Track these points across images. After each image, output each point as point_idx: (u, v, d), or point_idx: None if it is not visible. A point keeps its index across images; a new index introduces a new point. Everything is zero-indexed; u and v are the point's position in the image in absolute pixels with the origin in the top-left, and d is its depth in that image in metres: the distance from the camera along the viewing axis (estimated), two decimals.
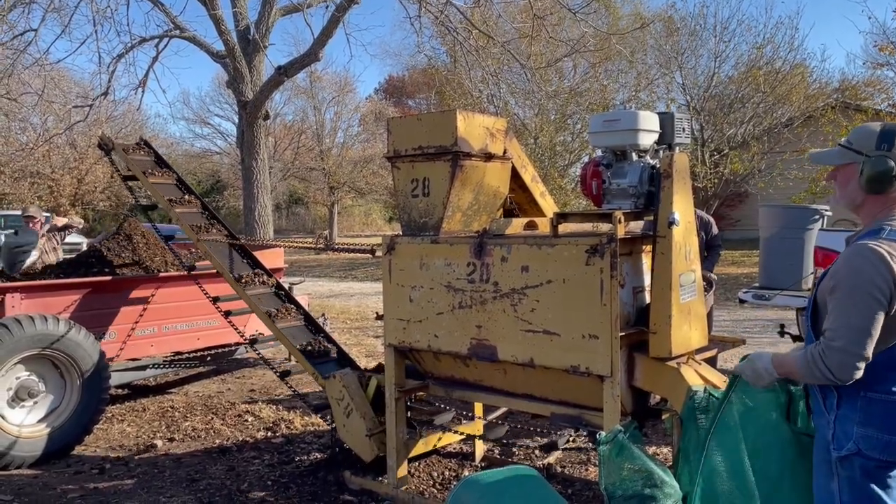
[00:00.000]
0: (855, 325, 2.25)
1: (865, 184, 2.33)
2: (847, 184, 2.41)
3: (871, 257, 2.24)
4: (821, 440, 2.48)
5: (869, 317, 2.24)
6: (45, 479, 4.85)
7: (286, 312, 5.31)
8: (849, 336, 2.25)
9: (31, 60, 12.93)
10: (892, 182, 2.30)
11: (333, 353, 5.16)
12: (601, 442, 3.16)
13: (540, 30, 12.39)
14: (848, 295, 2.27)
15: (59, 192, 27.16)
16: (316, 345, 5.12)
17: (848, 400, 2.35)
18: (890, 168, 2.29)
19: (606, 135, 3.67)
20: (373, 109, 35.75)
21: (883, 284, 2.21)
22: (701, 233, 5.52)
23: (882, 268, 2.22)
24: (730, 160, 18.64)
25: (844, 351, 2.26)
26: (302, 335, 5.20)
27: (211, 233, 5.78)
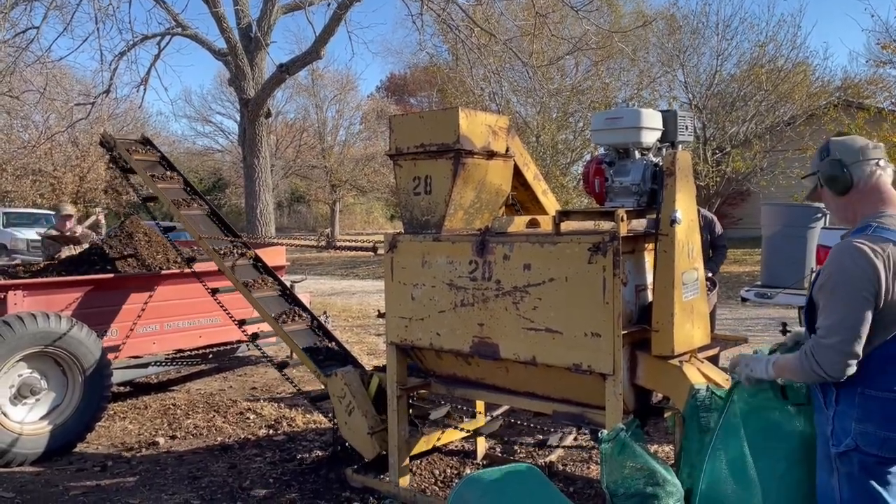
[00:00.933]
0: (843, 323, 2.30)
1: (829, 189, 2.50)
2: (826, 201, 2.58)
3: (855, 255, 2.30)
4: (821, 436, 2.50)
5: (856, 314, 2.28)
6: (48, 477, 4.85)
7: (291, 314, 5.30)
8: (837, 334, 2.31)
9: (33, 58, 12.94)
10: (845, 179, 2.44)
11: (336, 350, 5.16)
12: (603, 440, 3.15)
13: (542, 27, 12.38)
14: (834, 292, 2.34)
15: (60, 189, 27.16)
16: (318, 342, 5.13)
17: (846, 396, 2.38)
18: (835, 168, 2.46)
19: (609, 132, 3.66)
20: (374, 107, 35.74)
21: (867, 282, 2.27)
22: (704, 232, 5.51)
23: (865, 264, 2.28)
24: (732, 158, 18.61)
25: (833, 348, 2.31)
26: (305, 334, 5.20)
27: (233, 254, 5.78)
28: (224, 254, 5.53)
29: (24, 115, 25.24)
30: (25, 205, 25.36)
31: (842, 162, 2.45)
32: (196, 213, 6.00)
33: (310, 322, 5.36)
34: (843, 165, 2.45)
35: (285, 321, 5.18)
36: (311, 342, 5.12)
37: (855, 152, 2.46)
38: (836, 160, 2.46)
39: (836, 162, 2.46)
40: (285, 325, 5.16)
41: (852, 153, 2.46)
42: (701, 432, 3.18)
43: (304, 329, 5.25)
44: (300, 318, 5.31)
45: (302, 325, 5.26)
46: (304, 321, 5.31)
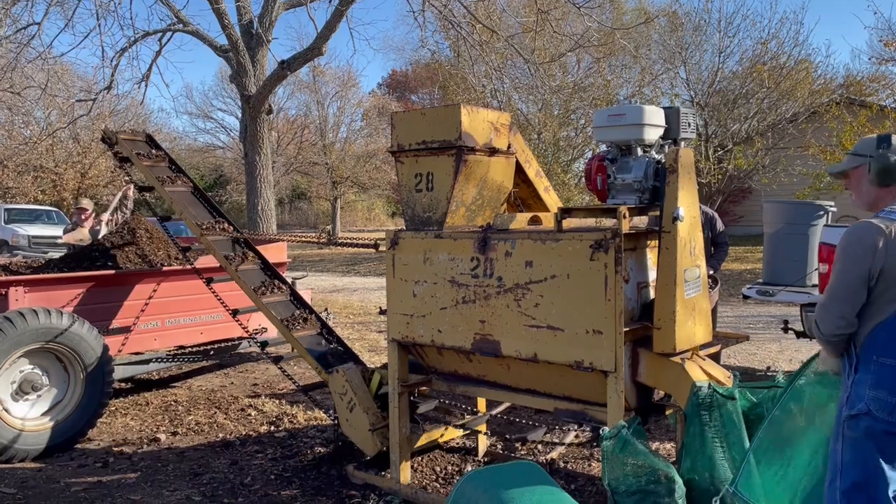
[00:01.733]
0: (837, 288, 2.58)
1: (875, 177, 2.64)
2: (860, 184, 2.72)
3: (858, 230, 2.57)
4: (838, 407, 2.66)
5: (849, 281, 2.54)
6: (49, 473, 4.85)
7: (300, 319, 5.30)
8: (832, 296, 2.59)
9: (34, 54, 12.95)
10: (893, 173, 2.62)
11: (336, 347, 5.15)
12: (605, 437, 3.16)
13: (544, 24, 12.37)
14: (836, 263, 2.60)
15: (62, 186, 27.17)
16: (320, 339, 5.12)
17: (864, 364, 2.56)
18: (892, 161, 2.60)
19: (611, 129, 3.66)
20: (376, 104, 35.70)
21: (863, 254, 2.52)
22: (706, 229, 5.50)
23: (865, 238, 2.53)
24: (734, 156, 18.58)
25: (826, 308, 2.61)
26: (311, 337, 5.19)
27: (215, 230, 5.78)
28: (228, 257, 5.52)
29: (26, 112, 25.24)
30: (27, 201, 25.38)
31: (890, 158, 2.61)
32: (182, 191, 6.03)
33: (318, 325, 5.35)
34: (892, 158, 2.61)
35: (292, 326, 5.17)
36: (312, 340, 5.12)
37: None
38: (888, 155, 2.60)
39: (888, 156, 2.60)
40: (293, 329, 5.16)
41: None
42: (702, 429, 3.18)
43: (311, 334, 5.25)
44: (307, 320, 5.30)
45: (311, 331, 5.26)
46: (314, 327, 5.30)
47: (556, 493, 2.82)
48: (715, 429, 3.18)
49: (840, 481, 2.57)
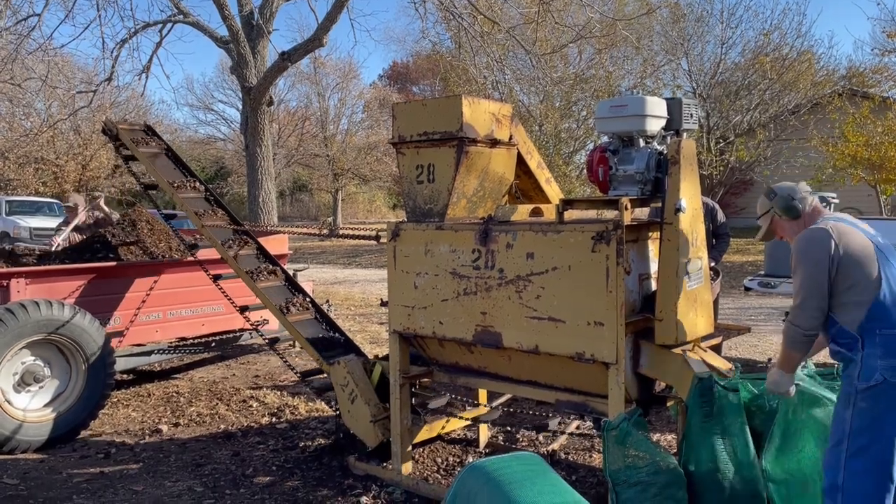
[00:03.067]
0: (806, 286, 2.94)
1: (786, 216, 3.15)
2: (784, 229, 3.21)
3: (808, 235, 3.00)
4: (846, 380, 2.93)
5: (816, 278, 2.92)
6: (51, 464, 4.87)
7: (295, 304, 5.30)
8: (803, 295, 2.95)
9: (34, 45, 12.91)
10: (796, 207, 3.12)
11: (338, 339, 5.16)
12: (606, 429, 3.16)
13: (545, 15, 12.31)
14: (796, 268, 2.99)
15: (63, 178, 27.15)
16: (319, 330, 5.13)
17: (869, 340, 2.85)
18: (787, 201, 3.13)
19: (613, 120, 3.64)
20: (377, 96, 35.58)
21: (821, 252, 2.91)
22: (706, 220, 5.48)
23: (817, 240, 2.94)
24: (735, 147, 18.55)
25: (802, 307, 2.94)
26: (308, 323, 5.19)
27: (215, 219, 5.79)
28: (228, 245, 5.51)
29: (27, 103, 25.19)
30: (28, 193, 25.37)
31: (790, 196, 3.14)
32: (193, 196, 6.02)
33: (313, 311, 5.36)
34: (792, 199, 3.13)
35: (289, 310, 5.18)
36: (314, 331, 5.12)
37: (794, 190, 3.16)
38: (784, 196, 3.15)
39: (785, 197, 3.14)
40: (289, 314, 5.16)
41: (793, 191, 3.16)
42: (703, 421, 3.19)
43: (307, 318, 5.25)
44: (303, 307, 5.30)
45: (306, 315, 5.26)
46: (308, 311, 5.31)
47: (557, 484, 2.82)
48: (716, 420, 3.18)
49: (847, 444, 2.85)
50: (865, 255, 2.92)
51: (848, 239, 2.94)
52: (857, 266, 2.89)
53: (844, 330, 2.92)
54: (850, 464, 2.84)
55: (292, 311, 5.18)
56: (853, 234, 2.97)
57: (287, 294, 5.40)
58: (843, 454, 2.85)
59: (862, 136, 14.98)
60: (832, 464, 2.90)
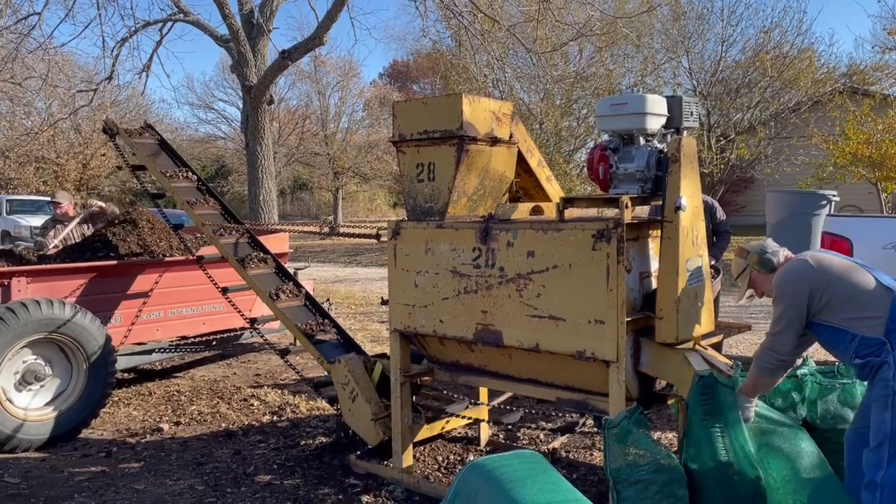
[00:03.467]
0: (788, 316, 3.09)
1: (763, 270, 3.34)
2: (763, 284, 3.38)
3: (788, 269, 3.21)
4: (880, 383, 2.98)
5: (797, 306, 3.08)
6: (53, 462, 4.87)
7: (290, 293, 5.32)
8: (785, 324, 3.10)
9: (35, 44, 12.92)
10: (771, 261, 3.32)
11: (338, 337, 5.16)
12: (607, 427, 3.16)
13: (546, 13, 12.31)
14: (776, 301, 3.18)
15: (64, 176, 27.15)
16: (320, 328, 5.13)
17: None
18: (762, 257, 3.33)
19: (614, 118, 3.64)
20: (377, 94, 35.58)
21: (800, 286, 3.10)
22: (706, 218, 5.47)
23: (795, 274, 3.15)
24: (736, 145, 18.53)
25: (782, 334, 3.10)
26: (307, 320, 5.20)
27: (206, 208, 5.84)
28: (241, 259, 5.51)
29: (27, 102, 25.19)
30: (28, 192, 25.38)
31: (763, 251, 3.34)
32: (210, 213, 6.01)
33: (310, 306, 5.36)
34: (765, 253, 3.33)
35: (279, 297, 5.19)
36: (311, 327, 5.12)
37: (765, 245, 3.37)
38: (758, 252, 3.35)
39: (759, 253, 3.34)
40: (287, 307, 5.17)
41: (765, 246, 3.37)
42: (704, 419, 3.19)
43: (303, 309, 5.26)
44: (294, 296, 5.32)
45: (295, 302, 5.27)
46: (299, 300, 5.32)
47: (558, 482, 2.82)
48: (717, 418, 3.19)
49: (889, 445, 2.92)
50: (852, 269, 3.09)
51: (829, 262, 3.13)
52: (851, 281, 3.04)
53: (868, 338, 2.99)
54: (893, 462, 2.90)
55: (282, 297, 5.20)
56: (830, 258, 3.18)
57: (279, 282, 5.42)
58: (886, 454, 2.93)
59: (863, 134, 14.97)
60: (874, 463, 2.97)
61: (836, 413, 3.49)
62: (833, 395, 3.52)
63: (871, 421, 3.04)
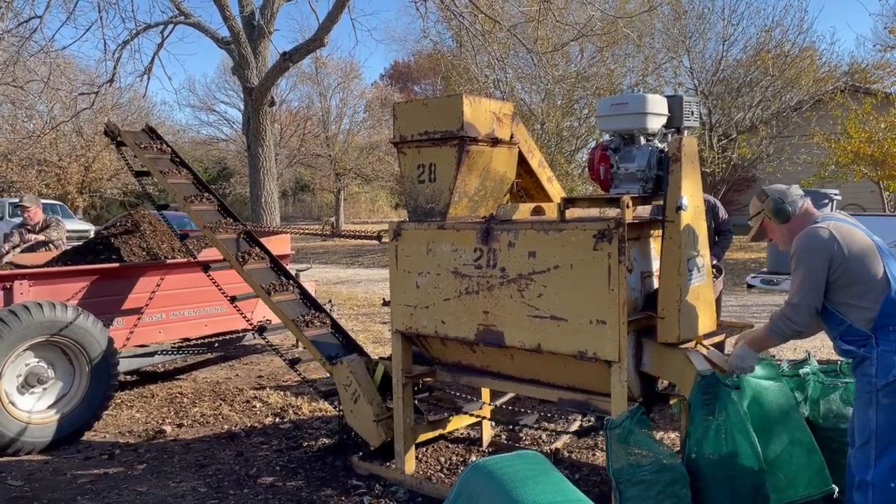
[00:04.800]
0: (804, 285, 3.00)
1: (777, 219, 3.23)
2: (774, 231, 3.30)
3: (809, 234, 3.05)
4: (862, 378, 2.97)
5: (814, 277, 2.98)
6: (56, 465, 4.88)
7: (285, 287, 5.32)
8: (805, 291, 3.00)
9: (36, 48, 12.94)
10: (786, 210, 3.20)
11: (340, 338, 5.16)
12: (609, 427, 3.16)
13: (546, 13, 12.30)
14: (797, 266, 3.03)
15: (66, 179, 27.23)
16: (321, 330, 5.13)
17: (883, 336, 2.92)
18: (777, 204, 3.22)
19: (614, 118, 3.64)
20: (378, 95, 35.60)
21: (821, 251, 2.97)
22: (708, 217, 5.47)
23: (819, 240, 3.00)
24: (738, 145, 18.52)
25: (800, 304, 3.02)
26: (304, 314, 5.19)
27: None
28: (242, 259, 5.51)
29: (29, 105, 25.23)
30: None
31: (780, 199, 3.21)
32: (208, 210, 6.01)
33: (308, 303, 5.36)
34: (782, 202, 3.20)
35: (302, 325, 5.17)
36: (317, 332, 5.12)
37: (785, 193, 3.23)
38: (775, 199, 3.22)
39: (776, 200, 3.22)
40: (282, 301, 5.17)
41: (784, 194, 3.23)
42: (706, 418, 3.18)
43: (302, 308, 5.26)
44: (289, 292, 5.32)
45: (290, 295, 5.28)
46: (296, 295, 5.32)
47: (560, 482, 2.82)
48: (719, 418, 3.18)
49: (875, 443, 2.90)
50: (870, 253, 2.98)
51: (851, 238, 2.99)
52: (863, 265, 2.95)
53: (855, 328, 2.98)
54: (881, 461, 2.89)
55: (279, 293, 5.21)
56: (855, 233, 3.02)
57: (274, 278, 5.44)
58: (873, 452, 2.91)
59: (864, 133, 14.96)
60: (862, 463, 2.95)
61: (839, 412, 3.48)
62: (835, 394, 3.51)
63: (855, 416, 3.03)
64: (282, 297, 5.22)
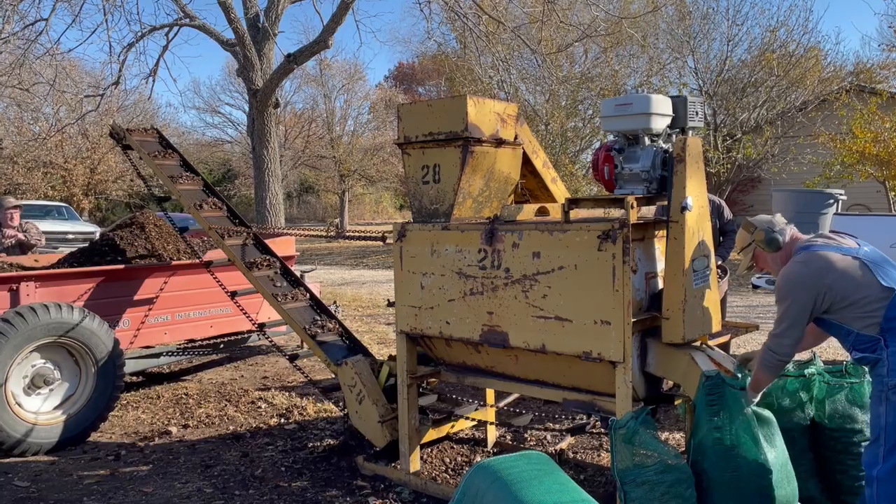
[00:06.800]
0: (793, 315, 3.08)
1: (768, 248, 3.31)
2: (766, 261, 3.36)
3: (797, 264, 3.13)
4: (876, 378, 3.03)
5: (799, 310, 3.07)
6: (62, 466, 4.90)
7: (293, 295, 5.34)
8: (790, 323, 3.09)
9: (42, 50, 12.99)
10: (777, 240, 3.28)
11: (345, 340, 5.17)
12: (614, 428, 3.15)
13: (551, 14, 12.29)
14: (783, 299, 3.13)
15: (72, 181, 27.33)
16: (326, 331, 5.14)
17: (892, 338, 2.96)
18: (769, 234, 3.30)
19: (619, 119, 3.64)
20: (383, 97, 35.66)
21: (808, 285, 3.06)
22: (713, 218, 5.47)
23: (804, 273, 3.09)
24: (743, 145, 18.47)
25: (784, 335, 3.11)
26: (312, 320, 5.21)
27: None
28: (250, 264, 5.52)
29: (35, 108, 25.34)
30: (37, 197, 25.51)
31: (770, 229, 3.30)
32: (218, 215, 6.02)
33: (315, 307, 5.37)
34: (772, 231, 3.29)
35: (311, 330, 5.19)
36: (321, 333, 5.12)
37: (773, 222, 3.33)
38: (764, 230, 3.31)
39: (766, 230, 3.31)
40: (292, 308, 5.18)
41: (772, 224, 3.32)
42: (711, 419, 3.18)
43: (308, 309, 5.27)
44: (299, 298, 5.33)
45: (304, 304, 5.29)
46: (304, 301, 5.33)
47: (565, 483, 2.82)
48: (724, 418, 3.18)
49: (885, 440, 2.94)
50: (854, 273, 3.06)
51: (831, 267, 3.07)
52: (852, 286, 3.04)
53: (864, 335, 3.03)
54: (889, 457, 2.92)
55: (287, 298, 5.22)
56: (834, 260, 3.10)
57: (284, 284, 5.45)
58: (881, 448, 2.95)
59: (870, 133, 14.91)
60: (871, 460, 3.00)
61: (844, 412, 3.47)
62: (841, 394, 3.50)
63: (869, 416, 3.11)
64: (291, 305, 5.24)
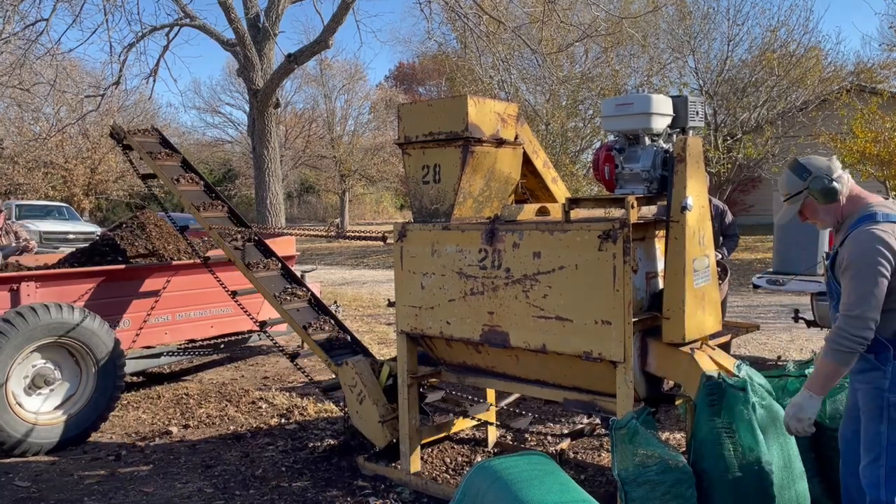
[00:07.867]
0: (865, 295, 2.68)
1: (822, 199, 2.88)
2: (815, 212, 2.95)
3: (873, 238, 2.72)
4: (872, 391, 2.81)
5: (875, 287, 2.68)
6: (62, 466, 4.90)
7: (294, 295, 5.34)
8: (866, 304, 2.68)
9: (42, 50, 13.00)
10: (833, 189, 2.85)
11: (346, 340, 5.17)
12: (614, 427, 3.15)
13: (551, 14, 12.30)
14: (857, 273, 2.71)
15: (72, 181, 27.36)
16: (327, 331, 5.14)
17: None
18: (822, 182, 2.86)
19: (619, 119, 3.64)
20: (383, 97, 35.69)
21: (884, 259, 2.68)
22: (715, 223, 5.47)
23: (882, 245, 2.69)
24: (743, 145, 18.47)
25: (860, 317, 2.68)
26: (312, 320, 5.21)
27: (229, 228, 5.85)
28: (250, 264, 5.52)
29: (35, 108, 25.37)
30: (38, 197, 25.55)
31: (828, 177, 2.87)
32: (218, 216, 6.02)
33: (316, 307, 5.37)
34: (830, 181, 2.86)
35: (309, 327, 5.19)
36: (322, 333, 5.13)
37: (830, 168, 2.88)
38: (819, 177, 2.87)
39: (822, 178, 2.87)
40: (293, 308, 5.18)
41: (829, 169, 2.88)
42: (712, 419, 3.18)
43: (311, 313, 5.27)
44: (300, 298, 5.33)
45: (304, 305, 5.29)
46: (304, 301, 5.33)
47: (565, 483, 2.82)
48: (724, 418, 3.18)
49: (886, 459, 2.76)
50: None
51: None
52: None
53: (876, 336, 2.74)
54: (892, 477, 2.77)
55: (288, 299, 5.22)
56: None
57: (285, 284, 5.45)
58: (883, 469, 2.78)
59: (870, 132, 14.91)
60: (873, 481, 2.80)
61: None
62: (842, 394, 3.50)
63: (862, 430, 2.88)
64: (291, 305, 5.24)
